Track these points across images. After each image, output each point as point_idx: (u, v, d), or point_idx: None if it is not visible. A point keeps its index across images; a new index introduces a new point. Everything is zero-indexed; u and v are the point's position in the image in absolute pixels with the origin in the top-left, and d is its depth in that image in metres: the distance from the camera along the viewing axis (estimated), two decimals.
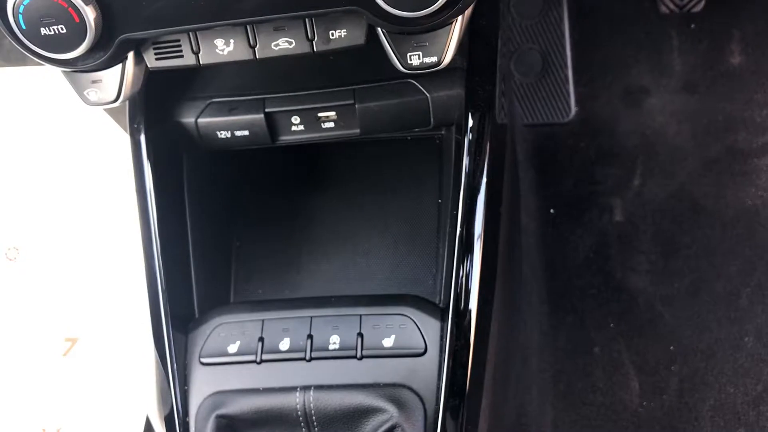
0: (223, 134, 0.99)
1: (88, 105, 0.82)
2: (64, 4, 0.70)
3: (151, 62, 0.81)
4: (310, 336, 0.90)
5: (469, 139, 0.93)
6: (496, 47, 0.99)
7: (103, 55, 0.76)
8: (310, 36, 0.78)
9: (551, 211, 1.65)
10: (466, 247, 0.92)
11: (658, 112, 1.69)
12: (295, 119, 0.98)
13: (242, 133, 0.99)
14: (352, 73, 0.97)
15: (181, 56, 0.80)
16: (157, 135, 0.98)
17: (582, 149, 1.69)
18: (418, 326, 0.90)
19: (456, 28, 0.76)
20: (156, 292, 0.95)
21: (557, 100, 1.70)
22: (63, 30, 0.72)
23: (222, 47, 0.79)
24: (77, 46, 0.73)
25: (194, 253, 1.01)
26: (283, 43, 0.78)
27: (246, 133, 0.98)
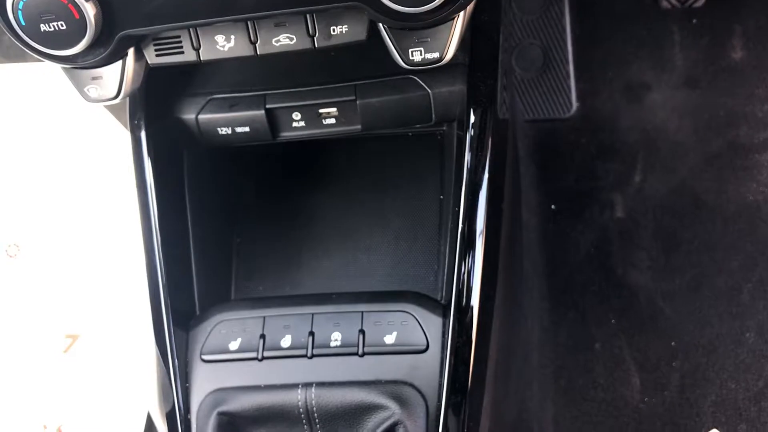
0: (224, 131, 0.99)
1: (89, 102, 0.82)
2: (64, 0, 0.70)
3: (152, 59, 0.81)
4: (312, 333, 0.90)
5: (471, 135, 0.93)
6: (497, 43, 0.99)
7: (103, 51, 0.75)
8: (311, 32, 0.77)
9: (552, 206, 1.65)
10: (468, 243, 0.91)
11: (660, 108, 1.68)
12: (296, 115, 0.98)
13: (243, 129, 0.98)
14: (353, 69, 0.97)
15: (182, 52, 0.80)
16: (158, 131, 0.98)
17: (583, 145, 1.69)
18: (419, 323, 0.89)
19: (458, 24, 0.76)
20: (157, 288, 0.94)
21: (558, 96, 1.70)
22: (63, 26, 0.72)
23: (223, 43, 0.79)
24: (77, 43, 0.73)
25: (195, 250, 1.01)
26: (284, 39, 0.78)
27: (247, 129, 0.98)
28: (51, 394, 1.58)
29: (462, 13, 0.75)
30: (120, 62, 0.79)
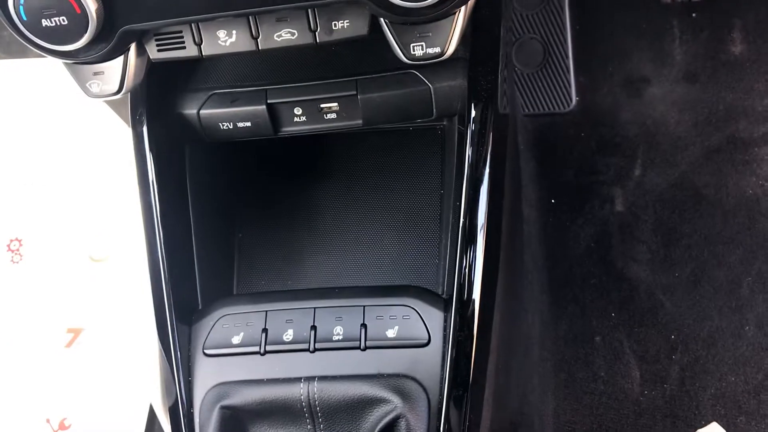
0: (226, 126, 0.99)
1: (90, 97, 0.82)
2: None
3: (153, 54, 0.81)
4: (314, 327, 0.90)
5: (472, 130, 0.93)
6: (498, 37, 0.99)
7: (105, 46, 0.76)
8: (312, 27, 0.78)
9: (552, 200, 1.65)
10: (469, 237, 0.92)
11: (659, 102, 1.68)
12: (298, 110, 0.98)
13: (244, 124, 0.98)
14: (354, 64, 0.97)
15: (184, 47, 0.80)
16: (160, 127, 0.98)
17: (583, 139, 1.69)
18: (421, 317, 0.90)
19: (459, 19, 0.76)
20: (160, 283, 0.95)
21: (558, 90, 1.70)
22: (64, 21, 0.72)
23: (224, 38, 0.79)
24: (79, 38, 0.73)
25: (197, 245, 1.01)
26: (285, 34, 0.78)
27: (248, 124, 0.98)
28: (53, 388, 1.58)
29: (463, 8, 0.75)
30: (122, 57, 0.79)
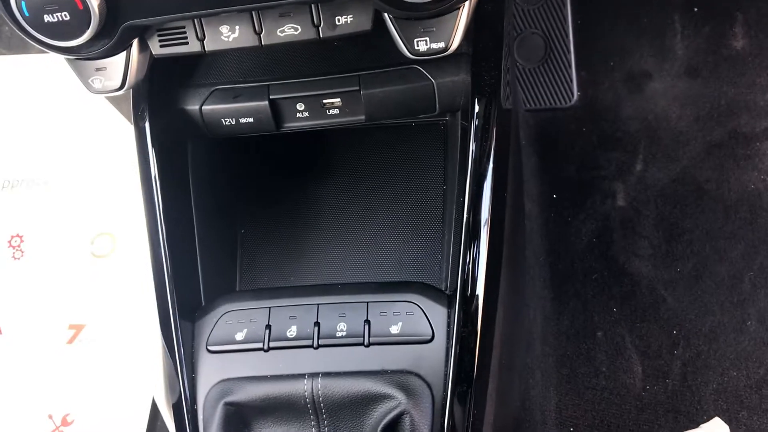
0: (228, 121, 0.98)
1: (93, 93, 0.81)
2: None
3: (156, 49, 0.80)
4: (317, 323, 0.90)
5: (476, 125, 0.93)
6: (501, 33, 0.98)
7: (107, 42, 0.75)
8: (316, 22, 0.77)
9: (553, 196, 1.65)
10: (473, 233, 0.92)
11: (661, 97, 1.68)
12: (300, 106, 0.97)
13: (247, 120, 0.98)
14: (356, 59, 0.97)
15: (186, 43, 0.80)
16: (162, 123, 0.97)
17: (584, 134, 1.69)
18: (425, 313, 0.90)
19: (463, 14, 0.76)
20: (163, 279, 0.94)
21: (560, 85, 1.70)
22: (66, 17, 0.72)
23: (227, 34, 0.79)
24: (81, 34, 0.73)
25: (199, 241, 1.01)
26: (288, 30, 0.78)
27: (251, 120, 0.98)
28: (56, 384, 1.58)
29: (467, 3, 0.75)
30: (124, 53, 0.78)
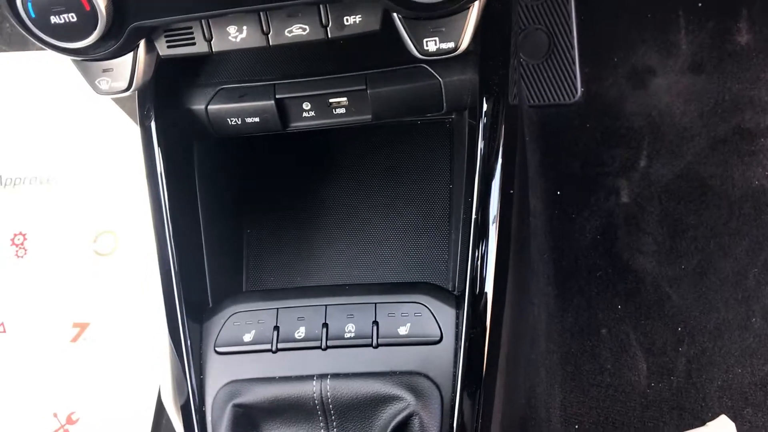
0: (234, 121, 0.98)
1: (99, 94, 0.81)
2: None
3: (163, 50, 0.80)
4: (326, 324, 0.89)
5: (484, 123, 0.92)
6: (509, 31, 0.98)
7: (114, 43, 0.75)
8: (324, 22, 0.77)
9: (557, 192, 1.64)
10: (481, 232, 0.91)
11: (665, 93, 1.68)
12: (306, 105, 0.97)
13: (253, 119, 0.97)
14: (363, 58, 0.96)
15: (193, 44, 0.79)
16: (167, 122, 0.97)
17: (588, 130, 1.68)
18: (433, 314, 0.89)
19: (473, 13, 0.75)
20: (170, 280, 0.94)
21: (563, 81, 1.69)
22: (74, 18, 0.71)
23: (235, 34, 0.78)
24: (88, 35, 0.72)
25: (206, 242, 1.01)
26: (296, 30, 0.77)
27: (257, 119, 0.97)
28: (60, 382, 1.58)
29: (477, 2, 0.74)
30: (131, 54, 0.78)
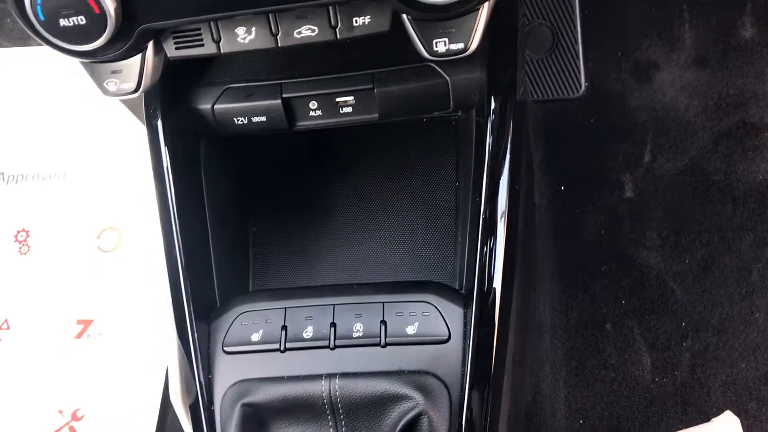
0: (240, 120, 0.98)
1: (108, 96, 0.81)
2: None
3: (171, 51, 0.80)
4: (334, 324, 0.90)
5: (492, 121, 0.92)
6: (516, 29, 0.98)
7: (123, 45, 0.74)
8: (333, 23, 0.76)
9: (561, 188, 1.64)
10: (489, 229, 0.91)
11: (669, 87, 1.67)
12: (313, 104, 0.97)
13: (259, 119, 0.97)
14: (370, 57, 0.96)
15: (202, 45, 0.79)
16: (174, 122, 0.97)
17: (592, 125, 1.68)
18: (441, 313, 0.90)
19: (483, 14, 0.75)
20: (177, 280, 0.94)
21: (567, 76, 1.69)
22: (82, 21, 0.71)
23: (243, 36, 0.78)
24: (97, 38, 0.72)
25: (213, 241, 1.01)
26: (305, 31, 0.77)
27: (263, 119, 0.97)
28: (65, 379, 1.58)
29: (487, 3, 0.74)
30: (139, 56, 0.78)
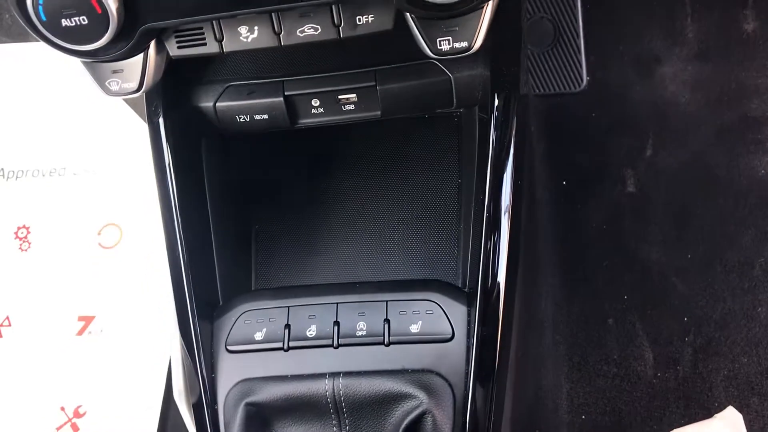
0: (242, 118, 0.97)
1: (110, 95, 0.80)
2: None
3: (174, 51, 0.79)
4: (337, 323, 0.90)
5: (495, 118, 0.92)
6: (520, 26, 0.97)
7: (125, 45, 0.74)
8: (336, 22, 0.76)
9: (563, 182, 1.64)
10: (493, 225, 0.91)
11: (671, 81, 1.67)
12: (315, 102, 0.96)
13: (261, 116, 0.97)
14: (372, 54, 0.95)
15: (204, 44, 0.78)
16: (175, 119, 0.96)
17: (594, 119, 1.67)
18: (444, 312, 0.89)
19: (487, 12, 0.74)
20: (180, 278, 0.94)
21: (569, 70, 1.68)
22: (85, 21, 0.70)
23: (246, 34, 0.77)
24: (100, 37, 0.72)
25: (216, 240, 1.00)
26: (308, 30, 0.77)
27: (265, 116, 0.97)
28: (67, 376, 1.58)
29: (491, 2, 0.74)
30: (141, 55, 0.77)
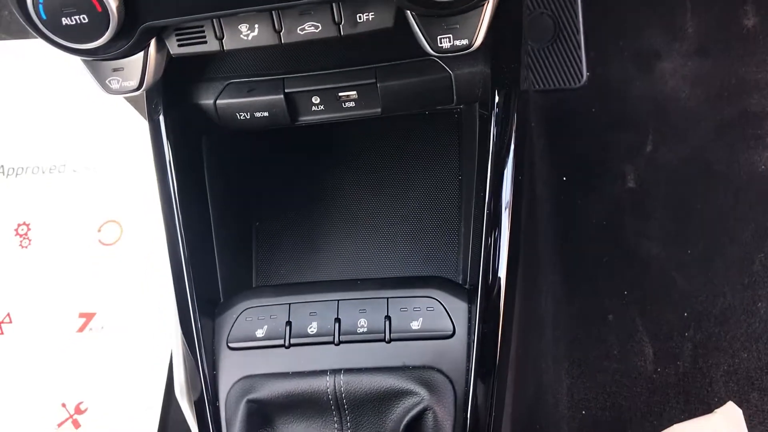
0: (242, 115, 0.97)
1: (110, 94, 0.80)
2: None
3: (174, 49, 0.79)
4: (338, 319, 0.90)
5: (496, 115, 0.92)
6: (521, 23, 0.97)
7: (125, 43, 0.74)
8: (337, 20, 0.76)
9: (563, 178, 1.64)
10: (494, 221, 0.91)
11: (671, 76, 1.67)
12: (316, 99, 0.96)
13: (262, 114, 0.97)
14: (372, 52, 0.95)
15: (205, 42, 0.78)
16: (176, 116, 0.96)
17: (594, 115, 1.67)
18: (445, 308, 0.90)
19: (488, 9, 0.74)
20: (181, 275, 0.94)
21: (569, 66, 1.68)
22: (85, 19, 0.70)
23: (246, 32, 0.77)
24: (100, 36, 0.72)
25: (217, 237, 1.01)
26: (309, 28, 0.77)
27: (265, 114, 0.97)
28: (68, 372, 1.59)
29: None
30: (141, 53, 0.77)
